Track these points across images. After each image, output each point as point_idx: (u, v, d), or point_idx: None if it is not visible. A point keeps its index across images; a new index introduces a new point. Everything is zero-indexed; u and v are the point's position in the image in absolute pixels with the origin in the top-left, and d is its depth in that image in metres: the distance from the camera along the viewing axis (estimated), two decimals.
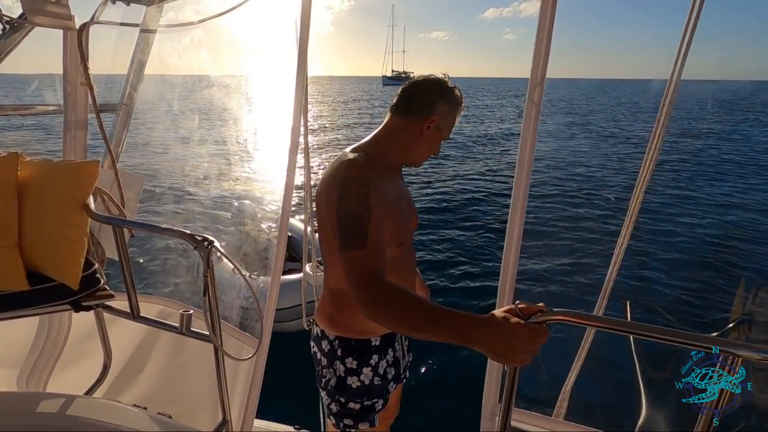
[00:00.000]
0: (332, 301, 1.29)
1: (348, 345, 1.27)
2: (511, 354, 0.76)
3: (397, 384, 1.42)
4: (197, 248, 1.03)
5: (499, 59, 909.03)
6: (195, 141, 8.87)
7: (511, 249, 1.17)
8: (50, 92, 1.80)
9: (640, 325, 0.80)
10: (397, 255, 1.17)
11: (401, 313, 0.88)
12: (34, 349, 1.76)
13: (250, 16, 1.83)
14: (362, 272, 0.96)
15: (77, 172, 1.32)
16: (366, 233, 1.00)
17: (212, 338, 1.08)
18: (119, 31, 1.84)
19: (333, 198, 1.07)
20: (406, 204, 1.28)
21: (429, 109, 1.19)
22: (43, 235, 1.28)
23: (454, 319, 0.81)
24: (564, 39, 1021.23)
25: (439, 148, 1.27)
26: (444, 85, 1.21)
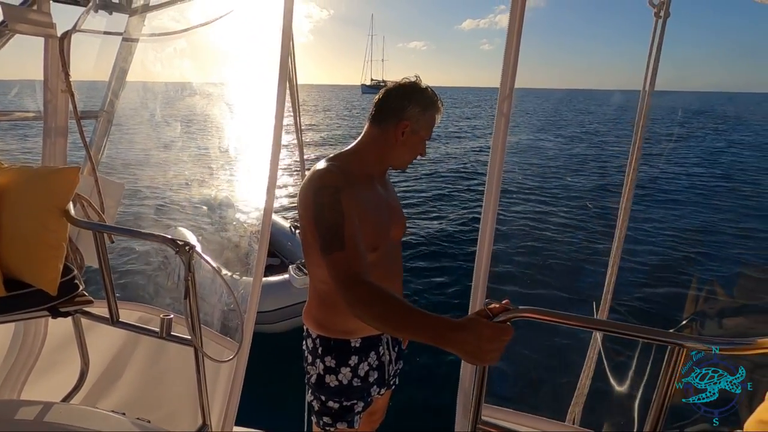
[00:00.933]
0: (316, 301, 1.34)
1: (328, 344, 1.31)
2: (480, 354, 0.82)
3: (383, 389, 1.45)
4: (178, 253, 1.06)
5: (475, 69, 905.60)
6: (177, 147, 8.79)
7: (483, 252, 1.22)
8: (30, 99, 1.80)
9: (600, 321, 0.86)
10: (373, 260, 1.21)
11: (382, 312, 0.94)
12: (9, 356, 1.74)
13: (232, 26, 1.87)
14: (345, 273, 1.02)
15: (57, 178, 1.33)
16: (343, 237, 1.06)
17: (192, 340, 1.10)
18: (103, 38, 1.86)
19: (309, 206, 1.14)
20: (387, 210, 1.32)
21: (399, 114, 1.23)
22: (21, 241, 1.28)
23: (431, 321, 0.87)
24: (534, 51, 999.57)
25: (423, 148, 1.30)
26: (413, 88, 1.24)
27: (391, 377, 1.48)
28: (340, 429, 1.33)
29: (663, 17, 1.39)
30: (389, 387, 1.52)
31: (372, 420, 1.64)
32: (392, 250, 1.35)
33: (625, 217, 1.46)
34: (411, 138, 1.26)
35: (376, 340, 1.37)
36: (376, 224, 1.24)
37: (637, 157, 1.44)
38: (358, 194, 1.17)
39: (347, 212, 1.09)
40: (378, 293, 0.96)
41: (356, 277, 1.00)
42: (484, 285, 1.23)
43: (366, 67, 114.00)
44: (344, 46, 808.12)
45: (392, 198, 1.39)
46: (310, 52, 48.41)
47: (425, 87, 1.26)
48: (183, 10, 1.86)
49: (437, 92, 1.28)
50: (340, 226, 1.07)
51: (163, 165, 8.34)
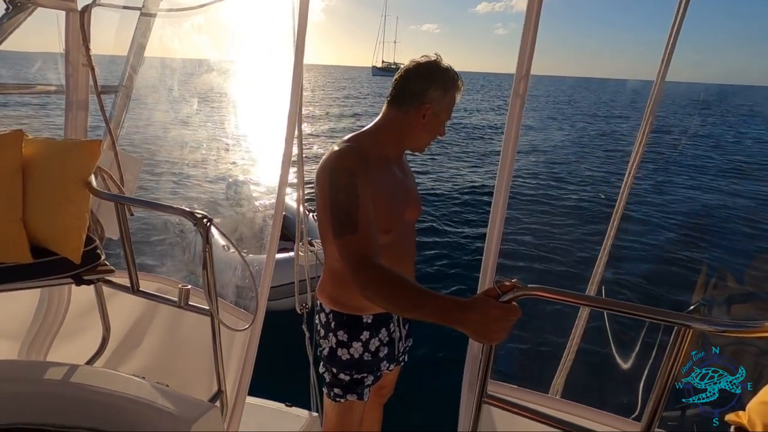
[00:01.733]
0: (330, 278, 1.37)
1: (341, 319, 1.35)
2: (488, 333, 0.85)
3: (393, 365, 1.50)
4: (196, 225, 1.09)
5: (489, 54, 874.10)
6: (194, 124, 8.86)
7: (494, 231, 1.24)
8: (53, 72, 1.83)
9: (608, 301, 0.87)
10: (386, 242, 1.23)
11: (391, 293, 0.97)
12: (35, 322, 1.82)
13: (249, 3, 1.86)
14: (355, 256, 1.05)
15: (80, 150, 1.37)
16: (356, 220, 1.08)
17: (210, 307, 1.14)
18: (122, 13, 1.87)
19: (325, 187, 1.15)
20: (403, 192, 1.32)
21: (421, 97, 1.21)
22: (46, 210, 1.33)
23: (439, 302, 0.90)
24: (550, 37, 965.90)
25: (442, 129, 1.29)
26: (434, 69, 1.22)
27: (400, 353, 1.52)
28: (349, 400, 1.37)
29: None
30: (398, 363, 1.56)
31: (381, 394, 1.69)
32: (406, 231, 1.36)
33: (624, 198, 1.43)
34: (432, 121, 1.25)
35: (387, 317, 1.40)
36: (391, 206, 1.24)
37: (646, 136, 1.41)
38: (374, 176, 1.17)
39: (362, 196, 1.11)
40: (387, 275, 0.99)
41: (366, 261, 1.03)
42: (494, 264, 1.24)
43: (378, 48, 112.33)
44: (356, 27, 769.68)
45: (409, 180, 1.38)
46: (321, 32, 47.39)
47: (447, 67, 1.23)
48: None
49: None
50: (354, 209, 1.09)
51: (180, 141, 8.43)
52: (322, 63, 52.53)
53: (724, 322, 0.75)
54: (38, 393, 1.18)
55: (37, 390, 1.19)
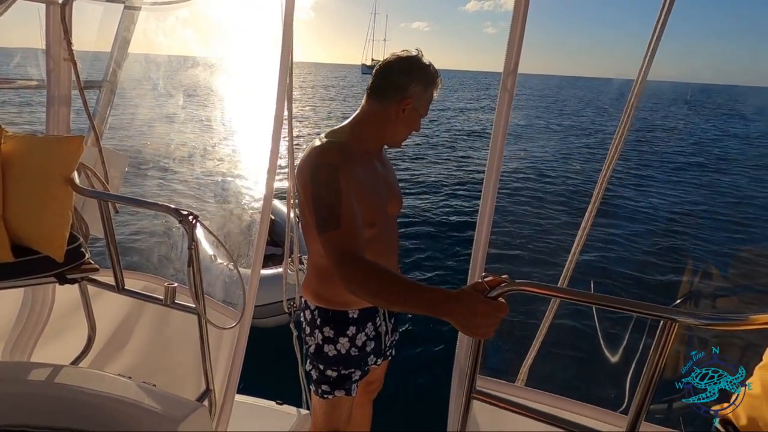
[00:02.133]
0: (314, 274, 1.37)
1: (326, 315, 1.35)
2: (473, 327, 0.84)
3: (380, 359, 1.50)
4: (182, 222, 1.07)
5: (478, 52, 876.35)
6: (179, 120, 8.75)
7: (483, 226, 1.24)
8: (33, 67, 1.79)
9: (595, 295, 0.87)
10: (370, 236, 1.23)
11: (378, 287, 0.96)
12: (18, 322, 1.79)
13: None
14: (340, 251, 1.04)
15: (62, 146, 1.34)
16: (339, 215, 1.07)
17: (196, 306, 1.13)
18: (105, 6, 1.83)
19: (307, 183, 1.14)
20: (385, 186, 1.32)
21: (402, 92, 1.21)
22: (27, 208, 1.30)
23: (425, 293, 0.89)
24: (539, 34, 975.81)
25: (418, 124, 1.30)
26: (416, 64, 1.22)
27: (387, 348, 1.52)
28: (337, 396, 1.37)
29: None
30: (386, 357, 1.56)
31: (369, 390, 1.70)
32: (389, 225, 1.37)
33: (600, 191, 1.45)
34: (411, 115, 1.25)
35: (373, 311, 1.40)
36: (373, 200, 1.25)
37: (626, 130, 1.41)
38: (356, 171, 1.17)
39: (344, 190, 1.10)
40: (372, 269, 0.98)
41: (351, 255, 1.02)
42: (483, 257, 1.25)
43: (367, 46, 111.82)
44: (346, 24, 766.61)
45: (389, 174, 1.38)
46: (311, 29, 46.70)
47: (428, 63, 1.24)
48: None
49: None
50: (337, 204, 1.08)
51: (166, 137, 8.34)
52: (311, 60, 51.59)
53: (709, 315, 0.76)
54: (23, 394, 1.16)
55: (22, 391, 1.17)
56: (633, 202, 8.55)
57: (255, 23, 2.00)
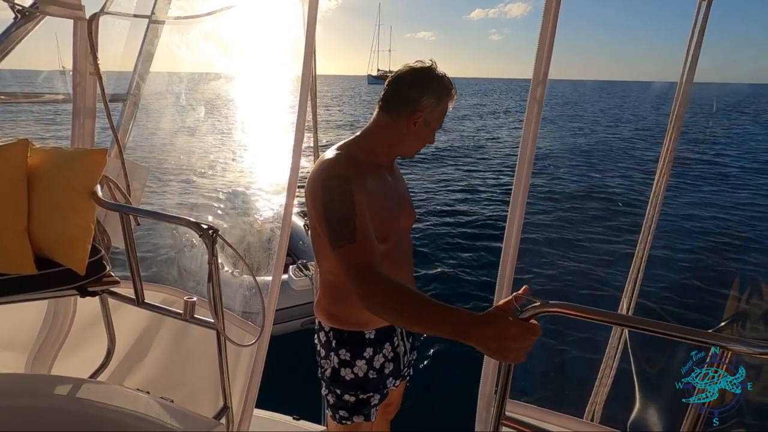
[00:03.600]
0: (326, 293, 1.31)
1: (342, 336, 1.29)
2: (505, 352, 0.79)
3: (398, 380, 1.44)
4: (202, 236, 1.06)
5: (484, 59, 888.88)
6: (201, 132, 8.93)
7: (510, 244, 1.19)
8: (61, 82, 1.83)
9: (636, 319, 0.82)
10: (383, 251, 1.17)
11: (400, 306, 0.90)
12: (40, 333, 1.80)
13: (255, 11, 1.85)
14: (356, 266, 0.99)
15: (86, 159, 1.35)
16: (354, 228, 1.03)
17: (215, 322, 1.11)
18: (130, 22, 1.87)
19: (318, 197, 1.10)
20: (396, 199, 1.28)
21: (413, 105, 1.17)
22: (51, 221, 1.31)
23: (452, 315, 0.84)
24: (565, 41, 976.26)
25: (432, 137, 1.26)
26: (429, 76, 1.18)
27: (405, 368, 1.46)
28: (356, 422, 1.31)
29: (708, 1, 1.30)
30: (404, 378, 1.50)
31: (387, 411, 1.63)
32: (402, 239, 1.32)
33: (655, 208, 1.39)
34: (422, 129, 1.21)
35: (390, 330, 1.34)
36: (385, 214, 1.20)
37: (673, 148, 1.37)
38: (367, 184, 1.13)
39: (357, 203, 1.06)
40: (393, 286, 0.93)
41: (369, 270, 0.97)
42: (510, 277, 1.19)
43: (372, 57, 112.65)
44: (352, 36, 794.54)
45: (401, 187, 1.34)
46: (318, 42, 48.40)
47: (441, 75, 1.19)
48: None
49: None
50: (351, 217, 1.04)
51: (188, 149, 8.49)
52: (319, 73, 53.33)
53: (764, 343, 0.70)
54: (42, 408, 1.16)
55: (42, 405, 1.17)
56: (671, 215, 8.11)
57: (276, 36, 2.01)
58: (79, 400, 1.17)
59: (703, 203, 9.33)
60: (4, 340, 1.82)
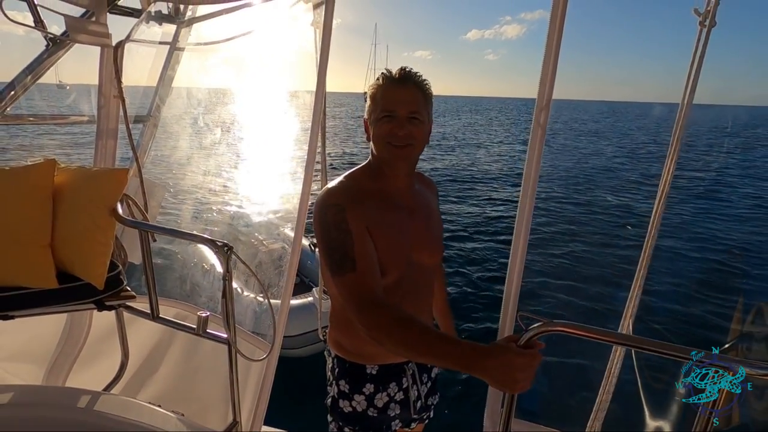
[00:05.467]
0: (333, 320, 1.31)
1: (343, 366, 1.27)
2: (512, 383, 0.80)
3: (414, 424, 1.37)
4: (217, 253, 1.10)
5: (481, 79, 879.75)
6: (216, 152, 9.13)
7: (516, 264, 1.21)
8: (85, 103, 1.92)
9: (639, 339, 0.83)
10: (386, 284, 1.10)
11: (404, 337, 0.89)
12: (57, 346, 1.84)
13: (270, 36, 1.94)
14: (358, 296, 0.97)
15: (108, 178, 1.41)
16: (353, 257, 1.01)
17: (228, 336, 1.14)
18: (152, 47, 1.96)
19: (317, 227, 1.09)
20: (409, 230, 1.19)
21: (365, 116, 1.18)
22: (73, 237, 1.36)
23: (458, 347, 0.84)
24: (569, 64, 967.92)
25: (387, 127, 1.11)
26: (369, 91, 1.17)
27: (419, 411, 1.34)
28: None
29: (708, 26, 1.34)
30: (422, 421, 1.41)
31: None
32: (416, 275, 1.21)
33: (655, 226, 1.40)
34: (375, 128, 1.13)
35: (398, 369, 1.26)
36: (389, 245, 1.12)
37: (673, 166, 1.39)
38: (367, 211, 1.09)
39: (355, 231, 1.03)
40: (397, 316, 0.92)
41: (372, 299, 0.96)
42: (515, 298, 1.21)
43: (369, 75, 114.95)
44: (351, 55, 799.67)
45: (420, 217, 1.23)
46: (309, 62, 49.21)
47: (378, 77, 1.16)
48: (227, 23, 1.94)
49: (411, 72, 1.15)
50: (349, 245, 1.02)
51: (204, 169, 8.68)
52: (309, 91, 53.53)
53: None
54: (58, 419, 1.19)
55: (57, 416, 1.20)
56: (675, 236, 8.11)
57: (289, 59, 2.08)
58: (93, 412, 1.20)
59: (705, 221, 9.26)
60: (22, 352, 1.87)
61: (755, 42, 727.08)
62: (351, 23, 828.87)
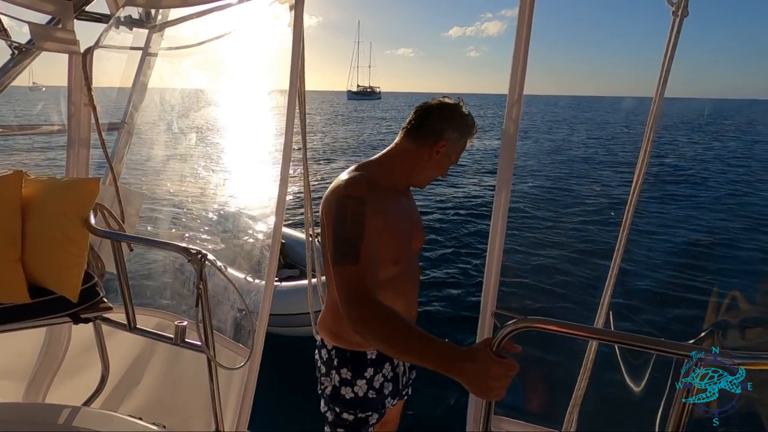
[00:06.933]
0: (331, 312, 1.33)
1: (344, 356, 1.31)
2: (486, 390, 0.82)
3: (396, 400, 1.45)
4: (191, 261, 1.08)
5: (463, 76, 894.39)
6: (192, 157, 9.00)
7: (492, 265, 1.22)
8: (55, 111, 1.87)
9: (615, 333, 0.84)
10: (394, 273, 1.21)
11: (387, 334, 0.92)
12: (35, 361, 1.80)
13: (245, 38, 1.92)
14: (353, 288, 1.00)
15: (78, 188, 1.38)
16: (359, 250, 1.04)
17: (204, 349, 1.12)
18: (122, 52, 1.92)
19: (331, 214, 1.11)
20: (410, 223, 1.31)
21: (438, 135, 1.21)
22: (44, 249, 1.33)
23: (438, 348, 0.86)
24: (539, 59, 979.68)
25: (446, 170, 1.30)
26: (456, 112, 1.24)
27: (404, 387, 1.47)
28: None
29: (680, 16, 1.36)
30: (402, 397, 1.51)
31: (384, 430, 1.64)
32: (412, 262, 1.35)
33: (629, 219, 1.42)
34: (442, 159, 1.25)
35: None
36: (399, 237, 1.23)
37: (647, 156, 1.40)
38: (383, 206, 1.14)
39: (368, 227, 1.07)
40: (384, 314, 0.94)
41: (365, 295, 0.99)
42: (494, 293, 1.22)
43: (352, 73, 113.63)
44: (332, 53, 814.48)
45: (414, 211, 1.38)
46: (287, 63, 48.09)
47: (467, 113, 1.26)
48: (200, 26, 1.91)
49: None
50: (359, 239, 1.05)
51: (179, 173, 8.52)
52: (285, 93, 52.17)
53: (741, 354, 0.73)
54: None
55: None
56: (651, 228, 8.22)
57: (265, 59, 2.06)
58: (73, 428, 1.17)
59: (678, 214, 9.45)
60: (0, 369, 1.82)
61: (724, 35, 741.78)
62: (333, 21, 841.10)
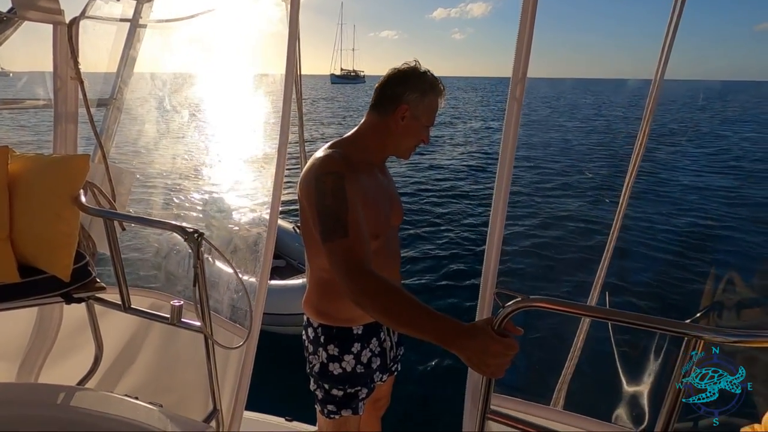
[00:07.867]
0: (316, 290, 1.34)
1: (330, 332, 1.32)
2: (484, 367, 0.82)
3: (386, 375, 1.47)
4: (187, 240, 1.06)
5: (447, 58, 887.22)
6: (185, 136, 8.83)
7: (494, 242, 1.21)
8: (41, 88, 1.81)
9: (613, 311, 0.84)
10: (375, 248, 1.20)
11: (388, 305, 0.92)
12: (26, 341, 1.78)
13: (236, 13, 1.85)
14: (347, 261, 1.00)
15: (68, 165, 1.34)
16: (346, 223, 1.04)
17: (202, 327, 1.11)
18: (112, 26, 1.85)
19: (311, 193, 1.11)
20: (387, 198, 1.32)
21: (397, 100, 1.21)
22: (34, 228, 1.30)
23: (439, 322, 0.86)
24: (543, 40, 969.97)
25: (425, 135, 1.28)
26: (411, 73, 1.22)
27: (392, 362, 1.49)
28: (344, 416, 1.34)
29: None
30: (391, 373, 1.53)
31: (377, 407, 1.66)
32: (392, 237, 1.36)
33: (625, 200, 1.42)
34: (412, 124, 1.24)
35: (377, 326, 1.37)
36: (378, 212, 1.23)
37: (645, 138, 1.39)
38: (360, 181, 1.16)
39: (351, 198, 1.08)
40: (383, 285, 0.94)
41: (360, 266, 0.99)
42: (494, 273, 1.21)
43: (335, 56, 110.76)
44: (315, 36, 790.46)
45: (391, 186, 1.38)
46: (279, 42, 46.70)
47: (424, 71, 1.24)
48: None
49: None
50: (344, 212, 1.05)
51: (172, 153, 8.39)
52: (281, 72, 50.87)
53: (736, 332, 0.73)
54: (31, 416, 1.15)
55: (30, 413, 1.16)
56: (649, 209, 8.25)
57: (258, 37, 2.01)
58: (67, 408, 1.16)
59: (675, 196, 9.51)
60: None
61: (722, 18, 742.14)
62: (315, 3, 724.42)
